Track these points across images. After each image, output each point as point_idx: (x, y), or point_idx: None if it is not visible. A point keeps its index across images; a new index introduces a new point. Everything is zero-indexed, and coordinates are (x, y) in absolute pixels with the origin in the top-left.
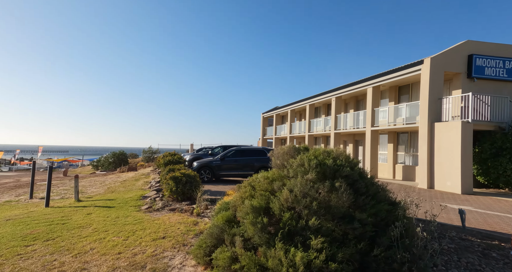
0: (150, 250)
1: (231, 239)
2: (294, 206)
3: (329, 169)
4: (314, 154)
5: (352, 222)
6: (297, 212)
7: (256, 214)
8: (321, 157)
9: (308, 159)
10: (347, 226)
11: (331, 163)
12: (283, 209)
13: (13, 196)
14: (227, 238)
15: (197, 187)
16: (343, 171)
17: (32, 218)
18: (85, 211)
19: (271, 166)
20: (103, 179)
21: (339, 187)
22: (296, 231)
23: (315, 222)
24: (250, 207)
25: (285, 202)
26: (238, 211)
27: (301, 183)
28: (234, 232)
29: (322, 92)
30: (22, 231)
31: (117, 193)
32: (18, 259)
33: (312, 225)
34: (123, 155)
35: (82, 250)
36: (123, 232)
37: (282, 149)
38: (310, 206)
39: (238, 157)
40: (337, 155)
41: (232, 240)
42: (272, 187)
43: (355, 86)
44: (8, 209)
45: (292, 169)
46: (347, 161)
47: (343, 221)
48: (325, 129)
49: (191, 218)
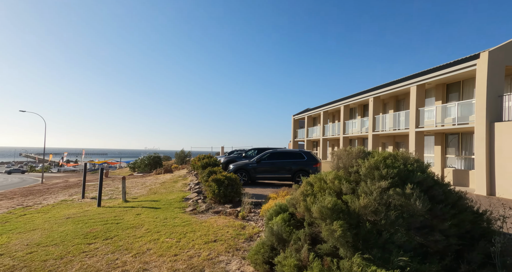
0: (205, 253)
1: (294, 244)
2: (370, 213)
3: (401, 174)
4: (382, 157)
5: (432, 233)
6: (374, 221)
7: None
8: (389, 160)
9: (382, 162)
10: (427, 237)
11: (403, 167)
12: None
13: (66, 196)
14: (291, 244)
15: (239, 190)
16: (416, 176)
17: (89, 217)
18: (134, 212)
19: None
20: (142, 180)
21: (412, 194)
22: (376, 243)
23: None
24: (327, 210)
25: (364, 209)
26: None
27: (375, 189)
28: (298, 237)
29: (358, 93)
30: (83, 229)
31: (159, 195)
32: (84, 256)
33: (396, 238)
34: (158, 157)
35: (139, 250)
36: (174, 233)
37: (347, 150)
38: (388, 215)
39: (275, 159)
40: (405, 158)
41: (296, 245)
42: (340, 189)
43: (395, 86)
44: (65, 207)
45: (362, 172)
46: (417, 165)
47: (420, 232)
48: (361, 131)
49: (237, 222)
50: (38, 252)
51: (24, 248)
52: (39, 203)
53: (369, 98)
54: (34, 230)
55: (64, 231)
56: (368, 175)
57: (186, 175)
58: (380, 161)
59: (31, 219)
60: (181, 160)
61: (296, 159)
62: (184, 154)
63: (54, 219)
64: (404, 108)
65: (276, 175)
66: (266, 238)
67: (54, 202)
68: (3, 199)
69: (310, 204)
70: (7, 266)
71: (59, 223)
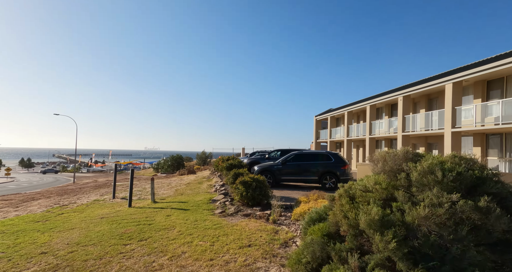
0: (241, 259)
1: (338, 256)
2: (433, 225)
3: (466, 181)
4: (439, 160)
5: (509, 250)
6: (437, 234)
7: (383, 228)
8: (449, 164)
9: (437, 166)
10: (502, 255)
11: (470, 173)
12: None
13: (98, 195)
14: (333, 255)
15: (267, 192)
16: (490, 185)
17: (121, 217)
18: (164, 213)
19: (339, 172)
20: (168, 181)
21: (490, 208)
22: (443, 259)
23: (472, 252)
24: (375, 221)
25: (425, 220)
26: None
27: (446, 201)
28: (341, 248)
29: (385, 92)
30: (117, 230)
31: (186, 196)
32: (121, 258)
33: (469, 256)
34: (180, 158)
35: (175, 253)
36: (206, 236)
37: (391, 152)
38: (457, 230)
39: (300, 161)
40: (467, 161)
41: (340, 257)
42: (388, 196)
43: (428, 83)
44: (98, 207)
45: (414, 178)
46: (489, 172)
47: (494, 249)
48: (388, 132)
49: (269, 226)
50: (78, 252)
51: (65, 247)
52: (74, 202)
53: (398, 97)
54: (72, 229)
55: (100, 231)
56: (421, 180)
57: (209, 176)
58: (436, 164)
59: (68, 218)
60: (202, 161)
61: (322, 160)
62: (205, 155)
63: (89, 219)
64: (438, 107)
65: (302, 177)
66: (307, 246)
67: (87, 202)
68: (41, 198)
69: (352, 215)
70: (51, 264)
71: (95, 223)
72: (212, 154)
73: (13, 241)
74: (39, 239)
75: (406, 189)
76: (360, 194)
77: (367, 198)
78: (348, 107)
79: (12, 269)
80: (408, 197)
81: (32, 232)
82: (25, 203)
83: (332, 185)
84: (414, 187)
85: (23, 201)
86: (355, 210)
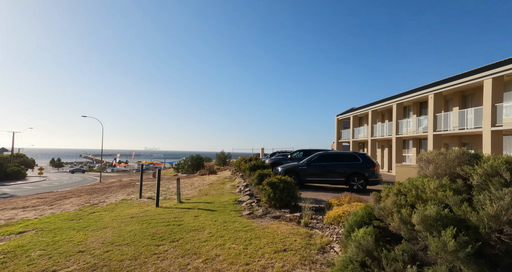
0: (278, 264)
1: (389, 264)
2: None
3: None
4: (504, 160)
5: None
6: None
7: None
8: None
9: (504, 165)
10: None
11: None
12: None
13: (125, 195)
14: (384, 263)
15: (295, 194)
16: None
17: (150, 217)
18: (192, 213)
19: (367, 173)
20: (190, 181)
21: None
22: None
23: None
24: (433, 218)
25: (495, 220)
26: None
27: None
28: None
29: (413, 90)
30: (148, 230)
31: (211, 196)
32: (156, 259)
33: None
34: (200, 158)
35: (208, 256)
36: (238, 239)
37: (443, 153)
38: None
39: (326, 161)
40: None
41: (393, 265)
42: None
43: (462, 80)
44: (127, 207)
45: (476, 181)
46: None
47: None
48: (417, 131)
49: (302, 229)
50: (113, 251)
51: (101, 246)
52: (103, 201)
53: (429, 95)
54: (105, 228)
55: (132, 230)
56: (483, 183)
57: (231, 176)
58: (501, 164)
59: (100, 217)
60: (222, 161)
61: (349, 161)
62: (224, 155)
63: (120, 218)
64: (474, 105)
65: (328, 178)
66: (352, 253)
67: (115, 201)
68: (73, 196)
69: (406, 216)
70: (89, 263)
71: (126, 222)
72: (231, 154)
73: (51, 238)
74: (75, 238)
75: (466, 193)
76: (414, 194)
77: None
78: (372, 106)
79: (53, 267)
80: (463, 200)
81: (68, 230)
82: (59, 201)
83: (360, 187)
84: (474, 191)
85: (57, 199)
86: (409, 208)
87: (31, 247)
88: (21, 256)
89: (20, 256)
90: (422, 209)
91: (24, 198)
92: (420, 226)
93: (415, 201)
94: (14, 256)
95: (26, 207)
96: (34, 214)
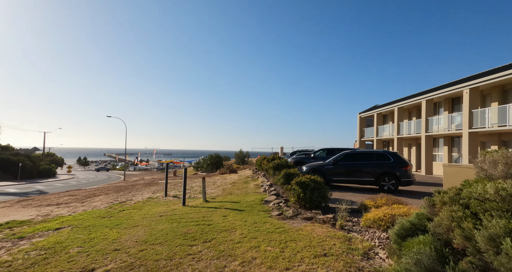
0: (322, 271)
1: None
2: None
3: None
4: None
5: None
6: None
7: None
8: None
9: None
10: None
11: None
12: None
13: (150, 193)
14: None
15: (326, 194)
16: None
17: (179, 216)
18: (220, 213)
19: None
20: (212, 180)
21: None
22: None
23: None
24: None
25: None
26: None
27: None
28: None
29: (445, 85)
30: (179, 229)
31: (236, 196)
32: (191, 260)
33: None
34: (219, 157)
35: (244, 258)
36: (273, 241)
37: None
38: None
39: (353, 161)
40: None
41: None
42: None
43: (503, 73)
44: (154, 205)
45: None
46: None
47: None
48: (449, 128)
49: (338, 232)
50: (148, 251)
51: (135, 245)
52: (130, 199)
53: (463, 90)
54: (136, 226)
55: (163, 229)
56: None
57: (253, 175)
58: None
59: (130, 215)
60: (240, 160)
61: (379, 160)
62: (243, 154)
63: (149, 216)
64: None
65: (356, 178)
66: (409, 265)
67: (142, 199)
68: (101, 194)
69: (470, 225)
70: (126, 262)
71: (156, 221)
72: (249, 153)
73: (87, 235)
74: (109, 235)
75: None
76: (476, 203)
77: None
78: (399, 103)
79: (92, 264)
80: None
81: (102, 228)
82: (89, 199)
83: (392, 187)
84: None
85: (86, 196)
86: (472, 220)
87: (69, 244)
88: (60, 252)
89: (60, 252)
90: (489, 224)
91: (57, 195)
92: (485, 244)
93: (480, 211)
94: (54, 252)
95: (59, 203)
96: (67, 211)
